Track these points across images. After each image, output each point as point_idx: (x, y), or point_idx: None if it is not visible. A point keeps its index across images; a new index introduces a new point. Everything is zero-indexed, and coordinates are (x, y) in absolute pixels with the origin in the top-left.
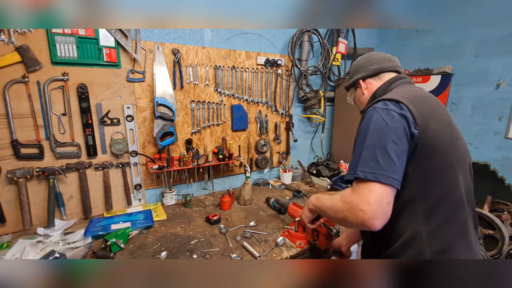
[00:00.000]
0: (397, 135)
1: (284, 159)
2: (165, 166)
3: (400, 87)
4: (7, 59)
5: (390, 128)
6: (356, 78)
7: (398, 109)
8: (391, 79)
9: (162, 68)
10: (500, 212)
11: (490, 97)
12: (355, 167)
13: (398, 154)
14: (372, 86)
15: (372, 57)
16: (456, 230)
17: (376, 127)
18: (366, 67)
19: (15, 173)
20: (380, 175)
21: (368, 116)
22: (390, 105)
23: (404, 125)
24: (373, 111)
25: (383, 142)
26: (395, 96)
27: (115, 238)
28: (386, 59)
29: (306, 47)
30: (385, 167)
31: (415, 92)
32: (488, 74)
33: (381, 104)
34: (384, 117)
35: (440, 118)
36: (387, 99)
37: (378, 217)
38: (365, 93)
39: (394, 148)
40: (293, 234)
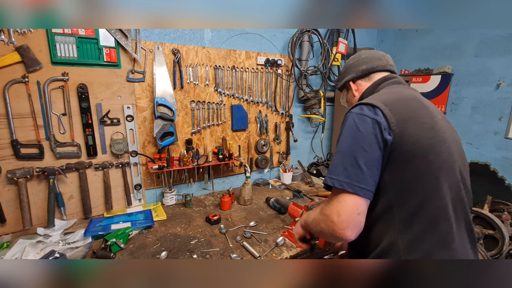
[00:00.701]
0: (368, 142)
1: (284, 159)
2: (165, 166)
3: (387, 89)
4: (7, 59)
5: (361, 135)
6: (346, 80)
7: (372, 114)
8: (379, 80)
9: (162, 68)
10: (500, 212)
11: (490, 97)
12: (329, 172)
13: (368, 162)
14: (362, 88)
15: (361, 57)
16: (436, 240)
17: (349, 133)
18: (355, 67)
19: (15, 173)
20: (347, 184)
21: (344, 120)
22: (365, 109)
23: (376, 131)
24: (349, 114)
25: (353, 149)
26: (373, 99)
27: (115, 238)
28: (375, 58)
29: (306, 47)
30: (352, 176)
31: (397, 93)
32: (488, 74)
33: (357, 109)
34: (357, 122)
35: (421, 122)
36: (363, 103)
37: (348, 227)
38: (356, 94)
39: (364, 156)
40: (293, 234)
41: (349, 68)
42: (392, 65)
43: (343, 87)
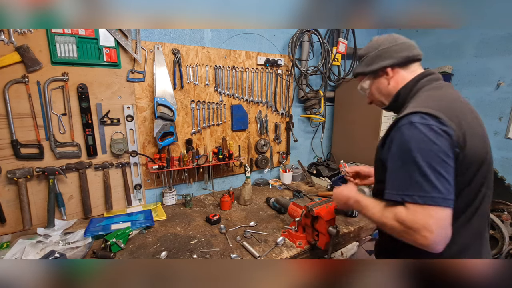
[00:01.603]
0: (445, 153)
1: (284, 159)
2: (165, 166)
3: (429, 91)
4: (7, 59)
5: (437, 147)
6: (382, 65)
7: (440, 125)
8: (418, 76)
9: (162, 68)
10: (500, 212)
11: (490, 97)
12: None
13: (450, 174)
14: (399, 78)
15: (398, 41)
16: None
17: (421, 146)
18: (394, 52)
19: (15, 173)
20: (439, 199)
21: (405, 130)
22: (429, 120)
23: (449, 142)
24: (411, 126)
25: (433, 162)
26: (430, 108)
27: (115, 238)
28: (413, 45)
29: (306, 47)
30: (442, 189)
31: (447, 99)
32: (488, 74)
33: (418, 118)
34: (428, 133)
35: (475, 132)
36: (422, 112)
37: (441, 242)
38: (392, 84)
39: (445, 167)
40: (293, 234)
41: (386, 51)
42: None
43: (373, 72)
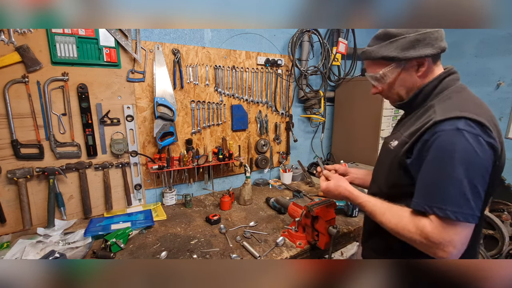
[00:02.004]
0: (486, 168)
1: (284, 159)
2: (165, 166)
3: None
4: (7, 59)
5: (481, 160)
6: (424, 54)
7: (486, 136)
8: (444, 74)
9: (162, 68)
10: (500, 212)
11: (490, 97)
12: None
13: (483, 189)
14: (429, 72)
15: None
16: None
17: (466, 157)
18: (435, 40)
19: (15, 173)
20: (470, 216)
21: (449, 138)
22: (477, 129)
23: (492, 158)
24: (457, 133)
25: (473, 176)
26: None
27: (115, 238)
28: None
29: (306, 47)
30: (474, 206)
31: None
32: (488, 74)
33: (465, 125)
34: (474, 145)
35: (502, 141)
36: (469, 118)
37: (458, 255)
38: (421, 77)
39: (482, 183)
40: (293, 234)
41: (428, 36)
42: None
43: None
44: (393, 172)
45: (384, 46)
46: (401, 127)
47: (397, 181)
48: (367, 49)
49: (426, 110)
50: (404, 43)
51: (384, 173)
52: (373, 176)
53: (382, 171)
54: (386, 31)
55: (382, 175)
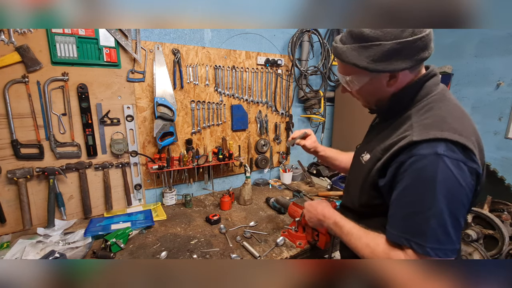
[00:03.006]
0: (467, 196)
1: (284, 159)
2: (165, 166)
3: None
4: (7, 59)
5: (463, 190)
6: (397, 68)
7: (469, 161)
8: (424, 78)
9: (162, 68)
10: (500, 212)
11: (490, 97)
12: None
13: (464, 218)
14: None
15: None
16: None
17: (447, 188)
18: (416, 51)
19: (15, 173)
20: (450, 251)
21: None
22: (458, 153)
23: (474, 183)
24: (437, 159)
25: (455, 208)
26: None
27: (115, 238)
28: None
29: (306, 47)
30: (455, 239)
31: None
32: (488, 74)
33: (445, 149)
34: (456, 172)
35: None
36: (451, 141)
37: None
38: (392, 87)
39: (463, 213)
40: (293, 234)
41: (406, 47)
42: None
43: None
44: (365, 192)
45: (356, 51)
46: (374, 136)
47: (369, 201)
48: (338, 46)
49: (403, 121)
50: (378, 52)
51: (357, 189)
52: (347, 184)
53: (355, 185)
54: (361, 32)
55: (354, 190)
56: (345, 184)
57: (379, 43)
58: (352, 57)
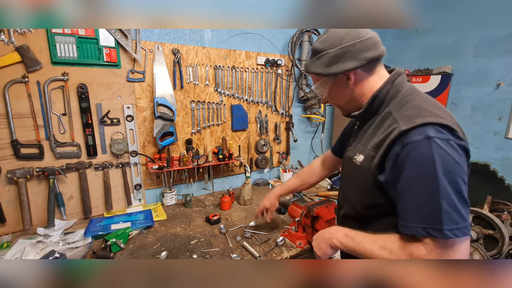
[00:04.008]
0: (465, 172)
1: (284, 159)
2: (165, 166)
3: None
4: (7, 59)
5: (459, 166)
6: (345, 69)
7: (457, 139)
8: (393, 77)
9: (162, 68)
10: (500, 212)
11: (490, 97)
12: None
13: (467, 193)
14: (364, 83)
15: (363, 36)
16: None
17: (446, 167)
18: (359, 52)
19: (15, 173)
20: (466, 228)
21: (423, 149)
22: (446, 133)
23: (467, 160)
24: (428, 142)
25: (458, 185)
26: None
27: (115, 238)
28: (378, 41)
29: (306, 47)
30: (467, 217)
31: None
32: (488, 74)
33: (435, 132)
34: (450, 152)
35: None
36: (436, 124)
37: None
38: (355, 89)
39: (466, 188)
40: (293, 234)
41: (349, 50)
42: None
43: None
44: (368, 193)
45: (313, 62)
46: (360, 138)
47: (373, 201)
48: (305, 63)
49: (384, 118)
50: (327, 59)
51: (357, 192)
52: (343, 193)
53: (353, 189)
54: (313, 47)
55: (354, 194)
56: (341, 195)
57: (326, 52)
58: (312, 67)
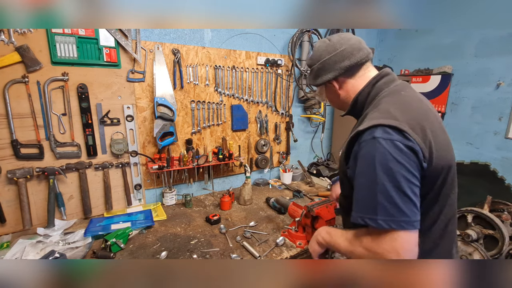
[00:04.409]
0: (409, 171)
1: (284, 159)
2: (165, 166)
3: (389, 96)
4: (7, 59)
5: (401, 166)
6: (326, 79)
7: (405, 140)
8: (374, 80)
9: (162, 68)
10: (500, 212)
11: (490, 97)
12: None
13: (414, 193)
14: (348, 87)
15: (339, 49)
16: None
17: (385, 164)
18: (334, 64)
19: (15, 173)
20: (404, 222)
21: (369, 147)
22: (393, 134)
23: (415, 160)
24: (374, 142)
25: (397, 182)
26: (393, 119)
27: (115, 238)
28: (356, 48)
29: (306, 47)
30: (407, 212)
31: (409, 105)
32: (488, 74)
33: (381, 133)
34: (391, 150)
35: (441, 140)
36: (386, 125)
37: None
38: (341, 93)
39: (410, 186)
40: (293, 234)
41: (326, 64)
42: (370, 52)
43: (319, 85)
44: (344, 184)
45: (309, 76)
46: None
47: (347, 192)
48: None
49: (361, 119)
50: (313, 73)
51: (340, 184)
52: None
53: (340, 182)
54: (306, 63)
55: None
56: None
57: (312, 68)
58: (308, 80)
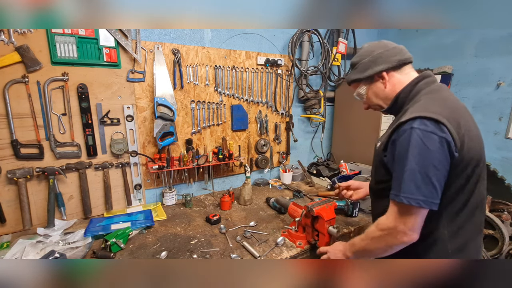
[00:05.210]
0: (439, 159)
1: (284, 159)
2: (165, 166)
3: (428, 94)
4: (7, 59)
5: (431, 153)
6: (377, 70)
7: (439, 132)
8: (416, 79)
9: (162, 68)
10: (500, 212)
11: (490, 97)
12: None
13: (439, 180)
14: (395, 81)
15: (390, 46)
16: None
17: (416, 151)
18: (387, 57)
19: (15, 173)
20: (422, 201)
21: (406, 136)
22: (429, 125)
23: (445, 150)
24: (411, 131)
25: (424, 167)
26: (431, 112)
27: (115, 238)
28: (404, 49)
29: (306, 47)
30: (427, 194)
31: (448, 102)
32: (488, 74)
33: (419, 123)
34: (425, 140)
35: (473, 134)
36: (425, 117)
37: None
38: (388, 87)
39: (436, 174)
40: (293, 234)
41: (379, 57)
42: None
43: (367, 78)
44: (378, 170)
45: (351, 73)
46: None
47: (381, 177)
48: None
49: (402, 114)
50: (362, 66)
51: (373, 171)
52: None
53: (373, 167)
54: (351, 62)
55: (373, 173)
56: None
57: (360, 62)
58: (351, 77)
